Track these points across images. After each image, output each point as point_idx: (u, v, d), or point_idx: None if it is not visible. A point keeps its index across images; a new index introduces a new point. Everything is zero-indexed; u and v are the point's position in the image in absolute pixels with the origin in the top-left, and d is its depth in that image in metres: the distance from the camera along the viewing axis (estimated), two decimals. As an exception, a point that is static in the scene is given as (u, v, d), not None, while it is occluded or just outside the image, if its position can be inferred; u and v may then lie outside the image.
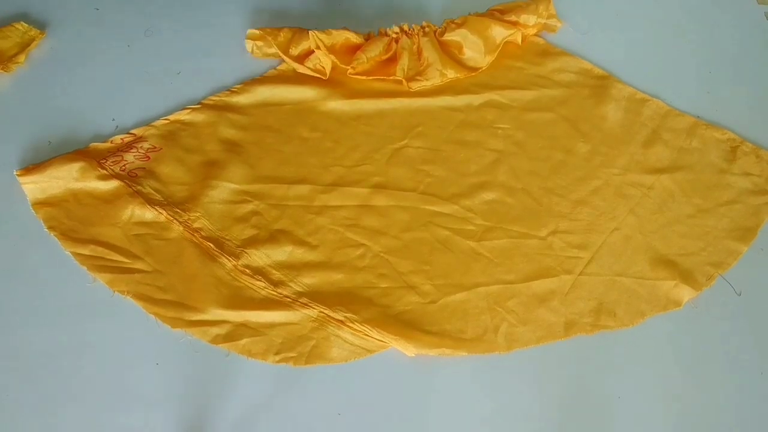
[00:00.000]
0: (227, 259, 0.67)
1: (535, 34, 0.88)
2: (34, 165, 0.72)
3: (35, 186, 0.70)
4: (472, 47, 0.84)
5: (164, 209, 0.70)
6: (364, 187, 0.73)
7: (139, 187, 0.71)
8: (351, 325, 0.63)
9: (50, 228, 0.68)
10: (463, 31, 0.84)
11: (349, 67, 0.81)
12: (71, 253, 0.67)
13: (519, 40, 0.86)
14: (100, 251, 0.67)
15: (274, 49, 0.83)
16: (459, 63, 0.84)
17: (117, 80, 0.81)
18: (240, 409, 0.59)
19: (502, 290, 0.66)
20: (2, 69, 0.81)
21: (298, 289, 0.66)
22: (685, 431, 0.60)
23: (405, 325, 0.64)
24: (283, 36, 0.83)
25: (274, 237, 0.69)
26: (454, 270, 0.68)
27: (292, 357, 0.62)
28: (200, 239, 0.68)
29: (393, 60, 0.83)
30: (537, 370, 0.62)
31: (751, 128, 0.80)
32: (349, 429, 0.59)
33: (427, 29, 0.84)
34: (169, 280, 0.66)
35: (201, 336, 0.63)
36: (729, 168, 0.76)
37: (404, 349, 0.62)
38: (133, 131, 0.76)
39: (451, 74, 0.83)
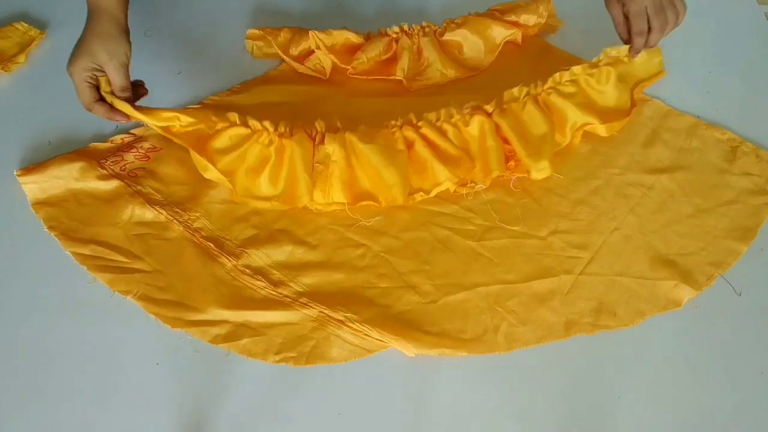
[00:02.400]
0: (227, 259, 0.67)
1: (536, 34, 0.88)
2: (34, 165, 0.72)
3: (35, 186, 0.70)
4: (472, 47, 0.85)
5: (164, 209, 0.70)
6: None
7: (139, 187, 0.71)
8: (351, 325, 0.63)
9: (50, 228, 0.68)
10: (463, 31, 0.84)
11: (349, 67, 0.81)
12: (71, 253, 0.67)
13: (519, 40, 0.86)
14: (100, 251, 0.67)
15: (274, 49, 0.83)
16: (459, 63, 0.84)
17: (117, 80, 0.81)
18: (240, 409, 0.59)
19: (502, 290, 0.66)
20: (2, 69, 0.81)
21: (298, 289, 0.66)
22: (685, 431, 0.60)
23: (405, 325, 0.64)
24: (283, 36, 0.83)
25: (274, 237, 0.69)
26: (454, 270, 0.68)
27: (292, 357, 0.62)
28: (200, 239, 0.68)
29: (393, 60, 0.83)
30: (537, 370, 0.62)
31: (751, 128, 0.80)
32: (349, 429, 0.59)
33: (427, 29, 0.84)
34: (169, 280, 0.66)
35: (201, 336, 0.63)
36: (729, 168, 0.76)
37: (404, 349, 0.62)
38: (133, 131, 0.76)
39: (452, 74, 0.83)
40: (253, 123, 0.70)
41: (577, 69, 0.76)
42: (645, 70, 0.82)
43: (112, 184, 0.71)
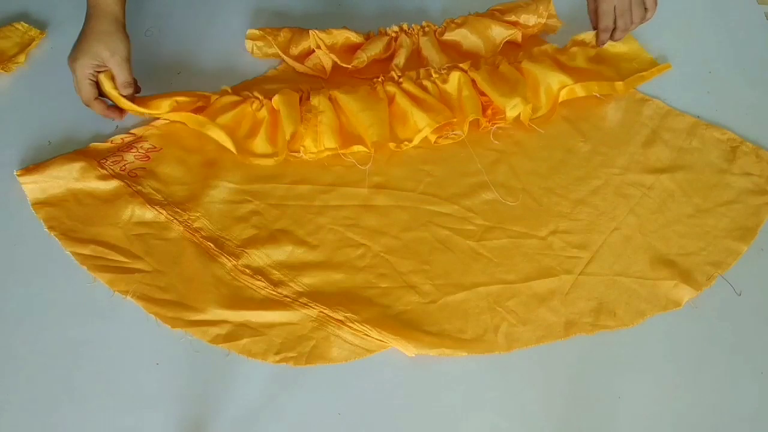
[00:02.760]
0: (227, 259, 0.67)
1: (535, 34, 0.88)
2: (34, 165, 0.72)
3: (35, 186, 0.70)
4: (471, 47, 0.85)
5: (164, 209, 0.70)
6: (364, 186, 0.73)
7: (139, 187, 0.71)
8: (351, 325, 0.63)
9: (50, 228, 0.68)
10: (463, 31, 0.84)
11: (349, 66, 0.81)
12: (71, 253, 0.67)
13: (519, 40, 0.86)
14: (100, 251, 0.67)
15: (274, 49, 0.83)
16: (459, 63, 0.84)
17: (117, 80, 0.81)
18: (240, 409, 0.59)
19: (502, 290, 0.66)
20: (2, 69, 0.81)
21: (298, 289, 0.66)
22: (684, 431, 0.60)
23: (405, 325, 0.64)
24: (283, 36, 0.83)
25: (274, 237, 0.69)
26: (454, 270, 0.68)
27: (292, 357, 0.62)
28: (200, 239, 0.68)
29: (392, 59, 0.83)
30: (537, 370, 0.62)
31: (751, 128, 0.80)
32: (349, 429, 0.59)
33: (426, 29, 0.84)
34: (169, 280, 0.66)
35: (201, 336, 0.63)
36: (729, 168, 0.76)
37: (404, 349, 0.62)
38: (133, 131, 0.76)
39: (451, 74, 0.83)
40: (245, 93, 0.76)
41: (546, 47, 0.83)
42: (629, 57, 0.85)
43: (112, 184, 0.71)
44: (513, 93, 0.76)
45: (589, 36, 0.84)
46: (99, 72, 0.71)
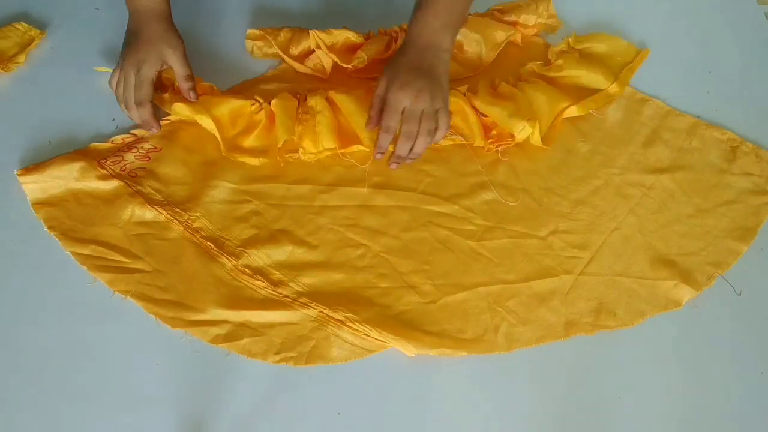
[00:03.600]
0: (227, 258, 0.67)
1: (535, 34, 0.88)
2: (34, 165, 0.72)
3: (35, 186, 0.70)
4: (471, 47, 0.85)
5: (164, 209, 0.70)
6: (364, 186, 0.73)
7: (139, 187, 0.71)
8: (351, 325, 0.63)
9: (50, 228, 0.68)
10: (463, 30, 0.84)
11: (349, 66, 0.81)
12: (71, 253, 0.67)
13: (519, 40, 0.86)
14: (101, 251, 0.67)
15: (274, 49, 0.83)
16: (459, 63, 0.84)
17: (117, 80, 0.81)
18: (240, 409, 0.59)
19: (502, 290, 0.66)
20: (2, 69, 0.80)
21: (298, 289, 0.66)
22: (684, 431, 0.60)
23: (405, 325, 0.64)
24: (283, 36, 0.83)
25: (274, 237, 0.69)
26: (454, 270, 0.68)
27: (292, 357, 0.62)
28: (200, 239, 0.68)
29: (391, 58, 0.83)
30: (537, 370, 0.62)
31: (751, 128, 0.80)
32: (349, 429, 0.59)
33: (427, 29, 0.84)
34: (169, 280, 0.66)
35: (201, 336, 0.63)
36: (729, 168, 0.76)
37: (404, 349, 0.62)
38: (133, 131, 0.76)
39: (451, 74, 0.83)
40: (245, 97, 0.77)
41: (531, 65, 0.83)
42: (611, 53, 0.85)
43: (112, 184, 0.71)
44: (518, 114, 0.74)
45: (564, 45, 0.85)
46: (162, 71, 0.74)
